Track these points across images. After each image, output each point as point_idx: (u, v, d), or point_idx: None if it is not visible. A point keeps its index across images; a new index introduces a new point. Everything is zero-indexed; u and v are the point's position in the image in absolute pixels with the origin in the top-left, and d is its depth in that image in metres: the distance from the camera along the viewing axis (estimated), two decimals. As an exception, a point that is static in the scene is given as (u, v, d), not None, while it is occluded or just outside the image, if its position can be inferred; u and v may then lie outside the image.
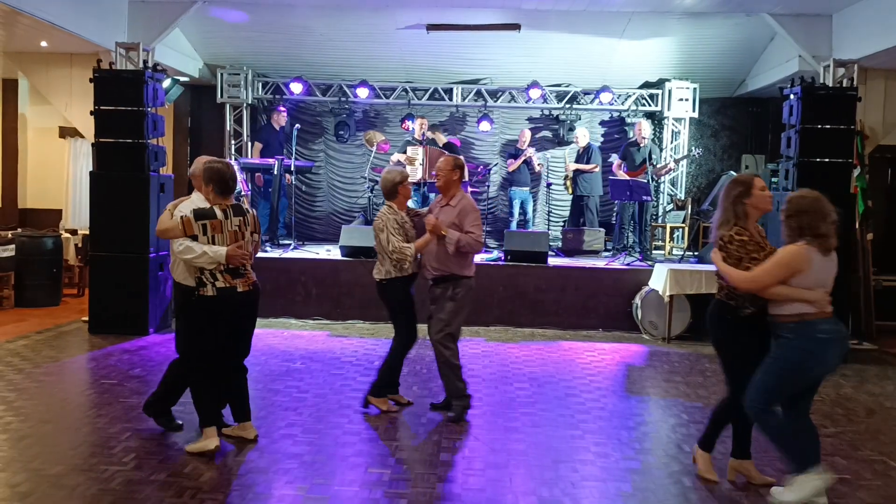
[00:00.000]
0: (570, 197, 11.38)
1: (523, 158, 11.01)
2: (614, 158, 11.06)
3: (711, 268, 8.59)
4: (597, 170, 10.92)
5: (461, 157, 5.88)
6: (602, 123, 12.41)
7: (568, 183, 11.20)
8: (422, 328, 5.69)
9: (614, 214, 11.85)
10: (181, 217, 4.64)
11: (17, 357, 7.01)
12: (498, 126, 12.14)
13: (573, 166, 10.99)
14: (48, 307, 9.71)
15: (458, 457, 4.73)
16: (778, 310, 4.06)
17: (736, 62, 11.09)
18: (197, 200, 4.86)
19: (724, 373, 4.42)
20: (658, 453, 4.93)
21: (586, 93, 11.77)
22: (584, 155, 10.97)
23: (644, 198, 9.95)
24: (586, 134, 11.20)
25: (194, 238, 4.59)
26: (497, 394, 6.22)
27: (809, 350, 3.99)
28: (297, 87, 11.47)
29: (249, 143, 11.92)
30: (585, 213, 11.00)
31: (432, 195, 10.36)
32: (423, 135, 10.52)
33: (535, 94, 11.31)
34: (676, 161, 11.41)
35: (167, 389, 5.04)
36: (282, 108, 11.30)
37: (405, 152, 10.36)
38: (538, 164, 11.29)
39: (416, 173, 10.07)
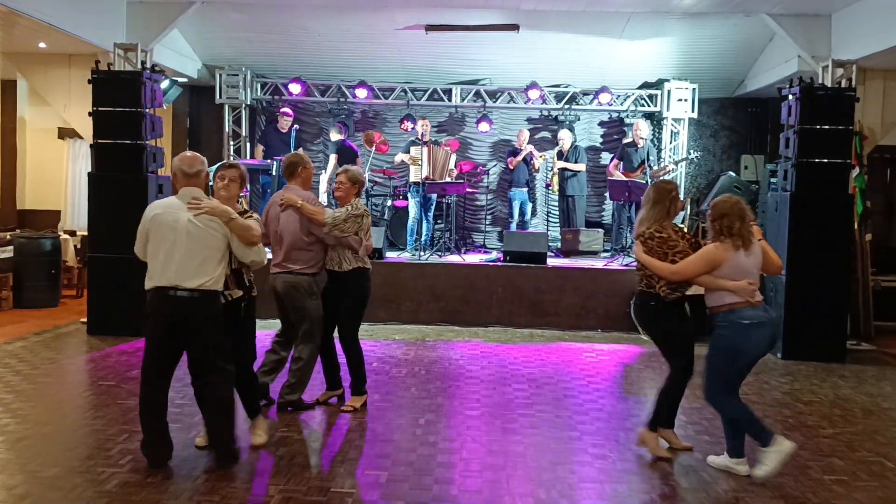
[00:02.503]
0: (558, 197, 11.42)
1: (523, 156, 11.02)
2: (608, 158, 11.08)
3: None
4: (583, 169, 10.94)
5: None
6: (601, 124, 12.40)
7: (554, 179, 11.18)
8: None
9: (609, 214, 11.84)
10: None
11: (14, 359, 7.01)
12: (497, 127, 12.13)
13: (560, 164, 10.99)
14: (46, 308, 9.71)
15: (456, 458, 4.72)
16: (711, 301, 4.68)
17: (735, 62, 11.08)
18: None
19: (662, 353, 5.05)
20: (656, 455, 4.93)
21: (585, 93, 11.75)
22: (570, 156, 10.98)
23: (642, 199, 9.93)
24: (570, 136, 11.20)
25: None
26: (495, 395, 6.22)
27: (735, 335, 4.53)
28: (295, 88, 11.46)
29: (249, 145, 11.94)
30: (572, 213, 11.02)
31: (433, 195, 10.37)
32: (422, 135, 10.55)
33: (534, 94, 11.30)
34: (675, 163, 11.41)
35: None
36: (287, 111, 11.24)
37: (408, 152, 10.41)
38: (540, 157, 11.26)
39: (419, 173, 10.14)
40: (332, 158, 10.77)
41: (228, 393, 4.48)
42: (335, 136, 11.03)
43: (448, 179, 10.24)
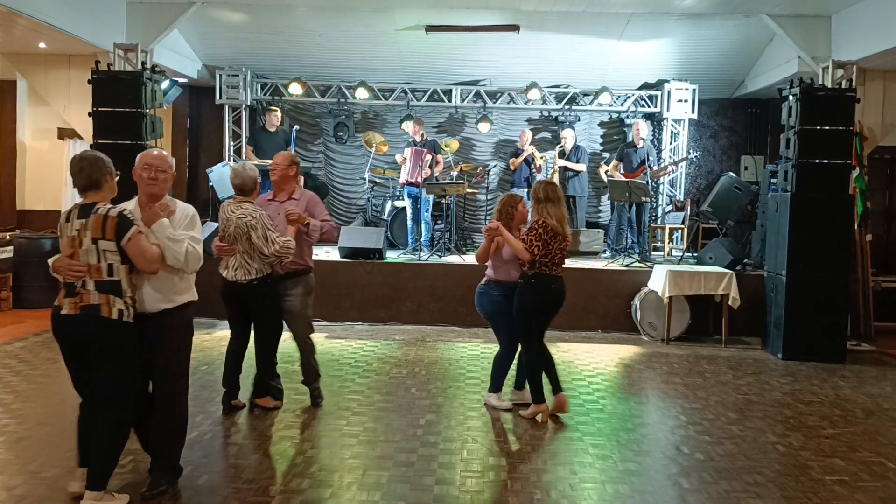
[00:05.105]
0: None
1: (524, 156, 11.01)
2: (611, 160, 11.07)
3: (710, 269, 8.63)
4: (584, 170, 10.93)
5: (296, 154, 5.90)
6: (601, 124, 12.41)
7: (554, 177, 11.15)
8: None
9: (610, 215, 11.83)
10: None
11: (14, 359, 7.00)
12: (497, 127, 12.14)
13: (560, 162, 10.98)
14: (46, 308, 9.60)
15: (456, 459, 4.72)
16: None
17: (735, 63, 11.08)
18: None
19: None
20: (656, 455, 4.92)
21: (585, 94, 11.76)
22: (572, 156, 10.96)
23: (643, 199, 9.94)
24: (573, 135, 11.18)
25: None
26: (496, 395, 6.20)
27: None
28: (295, 89, 11.45)
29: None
30: (573, 213, 11.00)
31: (422, 196, 10.25)
32: (413, 136, 10.50)
33: (534, 95, 11.31)
34: (675, 163, 11.41)
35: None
36: (274, 109, 11.19)
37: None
38: (541, 158, 11.23)
39: (404, 173, 10.21)
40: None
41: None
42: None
43: (420, 179, 10.10)
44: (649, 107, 11.83)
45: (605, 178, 10.74)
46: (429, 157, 10.05)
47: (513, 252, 5.47)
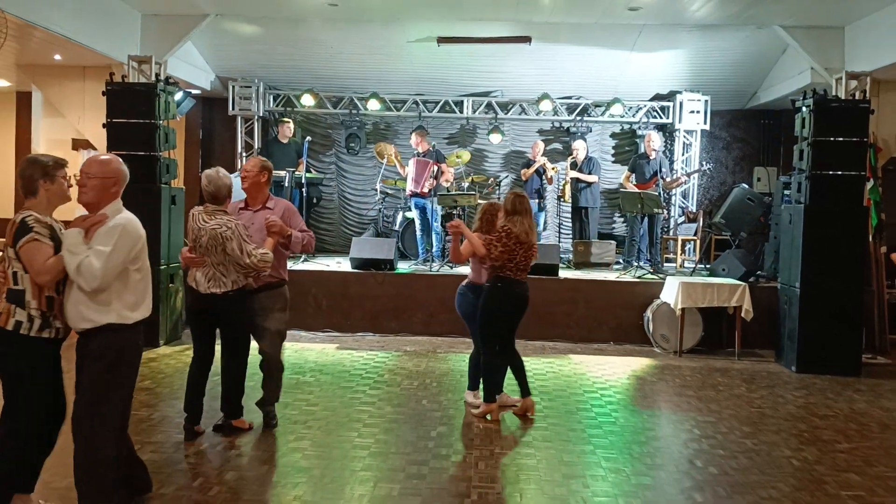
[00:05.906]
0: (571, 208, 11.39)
1: (535, 167, 11.00)
2: (624, 171, 11.06)
3: (723, 281, 8.58)
4: (596, 181, 10.90)
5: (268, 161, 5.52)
6: (613, 136, 12.40)
7: (566, 188, 11.14)
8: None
9: (622, 226, 11.81)
10: None
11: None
12: (508, 138, 12.15)
13: (572, 174, 10.96)
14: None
15: (469, 472, 4.69)
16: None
17: (747, 74, 11.06)
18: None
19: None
20: (670, 469, 4.88)
21: (597, 105, 11.76)
22: (584, 167, 10.94)
23: (655, 210, 9.91)
24: (585, 146, 11.16)
25: None
26: (507, 408, 6.17)
27: None
28: (308, 100, 11.51)
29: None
30: (585, 224, 10.98)
31: (427, 206, 10.20)
32: (419, 147, 10.50)
33: (545, 106, 11.32)
34: (688, 175, 11.38)
35: None
36: (286, 120, 11.22)
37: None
38: (552, 169, 11.21)
39: (409, 183, 10.19)
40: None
41: None
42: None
43: (426, 189, 10.05)
44: (661, 118, 11.81)
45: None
46: (434, 167, 10.05)
47: (471, 248, 5.75)
